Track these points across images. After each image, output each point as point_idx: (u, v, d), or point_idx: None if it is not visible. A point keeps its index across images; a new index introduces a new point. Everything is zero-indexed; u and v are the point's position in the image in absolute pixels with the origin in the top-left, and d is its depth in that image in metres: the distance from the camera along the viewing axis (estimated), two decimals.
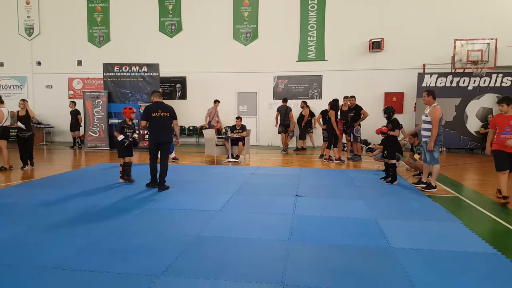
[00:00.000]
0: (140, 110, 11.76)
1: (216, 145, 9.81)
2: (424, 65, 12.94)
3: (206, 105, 14.05)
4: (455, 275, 3.21)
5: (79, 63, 15.11)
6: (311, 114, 12.89)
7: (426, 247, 3.81)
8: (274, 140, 13.83)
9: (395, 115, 7.52)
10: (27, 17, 15.22)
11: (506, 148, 5.60)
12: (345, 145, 11.16)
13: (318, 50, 13.75)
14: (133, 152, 7.13)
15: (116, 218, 4.75)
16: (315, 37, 13.74)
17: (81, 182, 7.04)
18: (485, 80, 11.97)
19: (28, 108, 8.66)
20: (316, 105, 13.22)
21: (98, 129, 12.86)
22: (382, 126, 7.33)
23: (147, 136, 6.81)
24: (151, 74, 12.98)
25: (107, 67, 13.06)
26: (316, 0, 13.60)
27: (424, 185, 6.63)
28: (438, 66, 12.69)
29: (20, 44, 15.30)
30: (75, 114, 13.28)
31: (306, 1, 13.69)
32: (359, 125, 10.21)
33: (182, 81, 14.57)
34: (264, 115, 14.04)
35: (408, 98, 13.14)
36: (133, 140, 6.94)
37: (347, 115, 10.18)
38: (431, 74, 12.27)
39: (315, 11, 13.67)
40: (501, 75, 11.90)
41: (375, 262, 3.48)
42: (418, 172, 7.88)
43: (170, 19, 14.44)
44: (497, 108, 12.01)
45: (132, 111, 7.03)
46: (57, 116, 14.88)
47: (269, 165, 9.47)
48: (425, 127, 6.47)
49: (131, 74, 12.99)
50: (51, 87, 15.39)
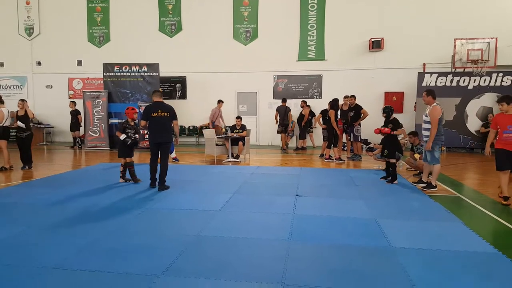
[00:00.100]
0: (140, 110, 11.75)
1: (216, 145, 9.81)
2: (424, 65, 12.94)
3: (206, 105, 14.05)
4: (456, 275, 3.21)
5: (79, 63, 15.12)
6: (312, 114, 12.90)
7: (426, 247, 3.81)
8: (274, 140, 13.83)
9: (395, 115, 7.52)
10: (27, 17, 15.22)
11: (510, 147, 5.53)
12: (345, 145, 11.15)
13: (318, 50, 13.75)
14: (133, 152, 7.13)
15: (116, 218, 4.75)
16: (315, 37, 13.73)
17: (81, 182, 7.04)
18: (485, 80, 11.96)
19: (27, 108, 8.64)
20: (316, 105, 13.22)
21: (98, 129, 12.86)
22: (382, 127, 7.31)
23: (147, 136, 6.80)
24: (151, 74, 12.98)
25: (107, 67, 13.06)
26: (316, 0, 13.60)
27: (425, 185, 6.63)
28: (438, 66, 12.69)
29: (20, 44, 15.30)
30: (75, 114, 13.29)
31: (306, 1, 13.68)
32: (359, 125, 10.21)
33: (182, 81, 14.57)
34: (264, 115, 14.04)
35: (408, 98, 13.14)
36: (135, 140, 6.95)
37: (347, 115, 10.17)
38: (431, 74, 12.26)
39: (315, 11, 13.66)
40: (501, 74, 11.90)
41: (375, 262, 3.48)
42: (418, 172, 7.88)
43: (170, 19, 14.44)
44: (497, 108, 11.95)
45: (135, 112, 7.03)
46: (57, 116, 14.88)
47: (269, 165, 9.47)
48: (426, 127, 6.47)
49: (131, 74, 12.99)
50: (51, 87, 15.39)
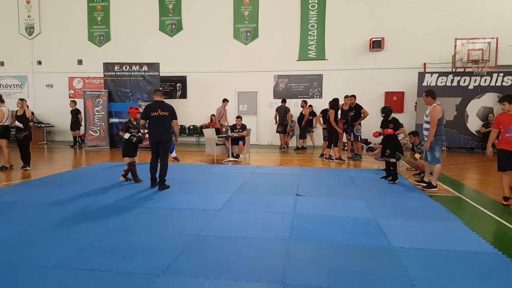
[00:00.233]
0: (141, 110, 11.74)
1: (216, 144, 9.80)
2: (425, 64, 12.93)
3: (207, 105, 14.10)
4: (456, 275, 3.21)
5: (80, 62, 15.12)
6: (313, 114, 12.90)
7: (427, 247, 3.80)
8: (274, 140, 13.82)
9: (396, 115, 7.51)
10: (28, 17, 15.22)
11: (511, 147, 5.47)
12: (346, 145, 11.15)
13: (319, 49, 13.74)
14: (137, 152, 7.07)
15: (116, 217, 4.75)
16: (316, 36, 13.72)
17: (82, 181, 7.04)
18: (486, 80, 11.95)
19: (25, 108, 8.54)
20: (317, 105, 13.22)
21: (99, 128, 12.86)
22: (382, 128, 7.31)
23: (147, 135, 6.79)
24: (152, 73, 12.98)
25: (108, 66, 13.05)
26: None
27: (425, 184, 6.62)
28: (439, 65, 12.68)
29: (21, 44, 15.30)
30: (76, 113, 13.29)
31: (307, 0, 13.66)
32: (360, 125, 10.20)
33: (183, 81, 14.56)
34: (264, 115, 14.03)
35: (409, 98, 13.13)
36: (140, 137, 6.89)
37: (348, 115, 10.17)
38: (432, 73, 12.25)
39: (316, 10, 13.65)
40: (502, 74, 11.89)
41: (376, 262, 3.48)
42: (419, 172, 7.88)
43: (170, 18, 14.43)
44: (498, 108, 11.92)
45: (138, 111, 6.99)
46: (58, 115, 14.89)
47: (270, 165, 9.47)
48: (426, 127, 6.46)
49: (132, 73, 12.99)
50: (52, 86, 15.39)
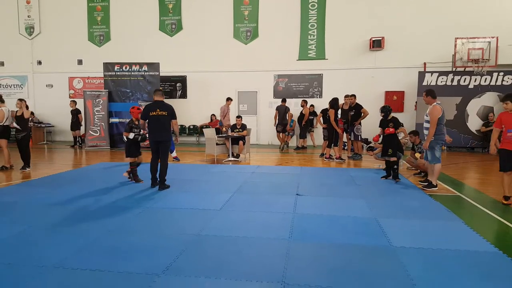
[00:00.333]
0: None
1: (217, 144, 9.80)
2: (425, 64, 12.92)
3: (207, 104, 14.11)
4: (456, 274, 3.21)
5: (80, 62, 15.11)
6: (314, 114, 12.89)
7: (427, 246, 3.80)
8: (275, 139, 13.81)
9: (396, 114, 7.51)
10: (28, 17, 15.22)
11: None
12: (346, 144, 11.15)
13: (319, 49, 13.73)
14: (139, 152, 7.06)
15: (117, 217, 4.75)
16: (316, 36, 13.71)
17: (82, 181, 7.04)
18: (486, 79, 11.93)
19: (24, 109, 8.47)
20: (317, 104, 13.21)
21: (99, 128, 12.86)
22: (384, 128, 7.31)
23: (148, 135, 6.78)
24: (152, 73, 12.97)
25: (108, 66, 13.05)
26: None
27: (426, 183, 6.62)
28: (439, 65, 12.67)
29: (21, 44, 15.29)
30: (76, 113, 13.28)
31: (307, 0, 13.66)
32: (360, 124, 10.20)
33: (183, 80, 14.56)
34: (265, 114, 14.02)
35: (409, 97, 13.12)
36: (144, 136, 6.86)
37: (348, 114, 10.16)
38: (432, 73, 12.24)
39: (315, 10, 13.64)
40: (502, 74, 11.87)
41: (376, 261, 3.48)
42: (419, 171, 7.88)
43: (170, 18, 14.43)
44: (498, 107, 11.91)
45: (140, 111, 6.95)
46: (58, 115, 14.88)
47: (270, 164, 9.47)
48: (427, 126, 6.46)
49: (132, 73, 12.98)
50: (52, 87, 15.39)
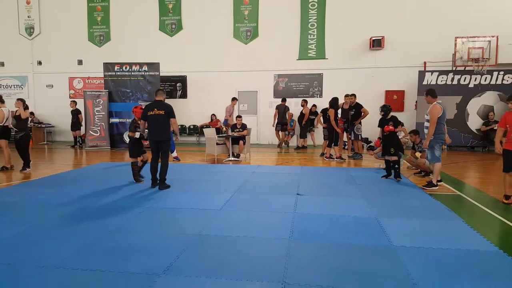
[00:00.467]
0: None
1: (217, 144, 9.80)
2: (425, 63, 12.91)
3: (207, 104, 14.13)
4: (457, 273, 3.20)
5: (80, 63, 15.11)
6: (315, 113, 12.88)
7: (427, 245, 3.80)
8: (275, 139, 13.81)
9: (397, 114, 7.51)
10: (28, 17, 15.22)
11: None
12: (346, 144, 11.14)
13: (319, 49, 13.72)
14: (141, 152, 7.05)
15: (117, 217, 4.75)
16: (316, 35, 13.70)
17: (82, 181, 7.05)
18: (486, 78, 11.92)
19: (21, 108, 8.38)
20: (317, 104, 13.19)
21: (99, 128, 12.86)
22: (384, 126, 7.30)
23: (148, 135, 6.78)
24: (152, 73, 12.97)
25: (108, 66, 13.05)
26: None
27: (426, 183, 6.61)
28: (439, 64, 12.66)
29: (21, 44, 15.29)
30: (76, 114, 13.29)
31: None
32: (360, 123, 10.19)
33: (183, 80, 14.56)
34: (265, 114, 14.02)
35: (409, 96, 13.10)
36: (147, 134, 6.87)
37: (348, 114, 10.16)
38: (432, 72, 12.23)
39: (315, 9, 13.63)
40: (502, 73, 11.86)
41: (376, 260, 3.47)
42: (420, 171, 7.87)
43: (170, 18, 14.42)
44: (498, 106, 11.88)
45: (142, 111, 6.98)
46: (58, 116, 14.88)
47: (270, 164, 9.47)
48: (427, 126, 6.46)
49: (132, 73, 12.97)
50: (52, 87, 15.39)
